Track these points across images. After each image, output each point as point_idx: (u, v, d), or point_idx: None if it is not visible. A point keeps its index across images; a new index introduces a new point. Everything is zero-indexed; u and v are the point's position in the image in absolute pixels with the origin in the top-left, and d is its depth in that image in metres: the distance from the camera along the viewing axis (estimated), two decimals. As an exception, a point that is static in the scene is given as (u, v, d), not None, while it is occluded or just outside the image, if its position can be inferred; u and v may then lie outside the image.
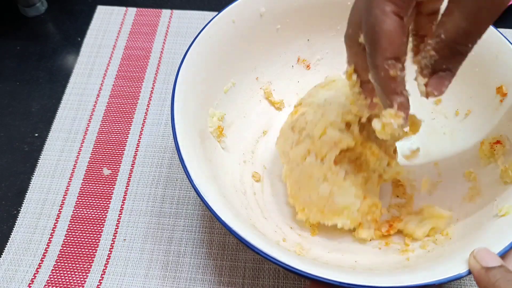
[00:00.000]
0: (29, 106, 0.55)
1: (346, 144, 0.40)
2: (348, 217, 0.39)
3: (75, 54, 0.59)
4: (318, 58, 0.52)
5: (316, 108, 0.43)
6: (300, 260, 0.32)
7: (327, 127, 0.40)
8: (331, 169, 0.39)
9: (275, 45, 0.49)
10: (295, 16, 0.48)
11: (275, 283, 0.43)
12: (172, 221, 0.46)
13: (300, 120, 0.43)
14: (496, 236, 0.33)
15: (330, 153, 0.40)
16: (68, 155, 0.51)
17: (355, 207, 0.39)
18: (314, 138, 0.40)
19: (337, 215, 0.39)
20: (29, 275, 0.43)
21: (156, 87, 0.56)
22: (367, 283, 0.30)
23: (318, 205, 0.40)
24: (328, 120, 0.41)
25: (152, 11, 0.63)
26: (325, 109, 0.42)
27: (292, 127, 0.43)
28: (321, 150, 0.40)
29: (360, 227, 0.40)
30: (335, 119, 0.41)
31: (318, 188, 0.39)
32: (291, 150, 0.42)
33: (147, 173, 0.50)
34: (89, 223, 0.46)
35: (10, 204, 0.48)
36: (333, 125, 0.40)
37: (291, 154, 0.42)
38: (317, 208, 0.40)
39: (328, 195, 0.39)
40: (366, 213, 0.39)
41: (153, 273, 0.43)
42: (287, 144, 0.43)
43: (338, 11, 0.49)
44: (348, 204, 0.39)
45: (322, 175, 0.39)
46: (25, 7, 0.62)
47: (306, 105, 0.44)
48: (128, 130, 0.53)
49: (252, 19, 0.46)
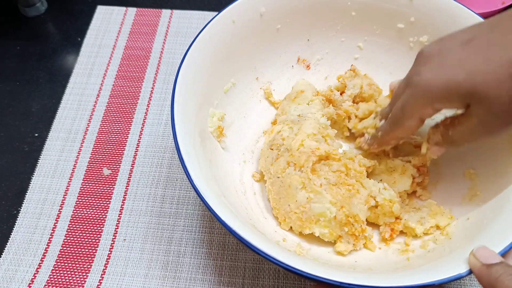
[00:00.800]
0: (29, 106, 0.55)
1: (324, 151, 0.41)
2: (326, 226, 0.39)
3: (75, 54, 0.59)
4: (318, 58, 0.52)
5: (291, 124, 0.44)
6: (300, 260, 0.32)
7: (304, 139, 0.42)
8: (308, 177, 0.40)
9: (275, 45, 0.49)
10: (295, 16, 0.48)
11: (275, 283, 0.43)
12: (172, 221, 0.46)
13: (277, 138, 0.44)
14: (496, 236, 0.33)
15: (307, 161, 0.40)
16: (68, 155, 0.51)
17: (330, 214, 0.39)
18: (292, 150, 0.42)
19: (314, 222, 0.39)
20: (29, 275, 0.43)
21: (156, 87, 0.56)
22: (367, 283, 0.30)
23: (297, 213, 0.40)
24: (305, 133, 0.42)
25: (152, 11, 0.63)
26: (300, 124, 0.43)
27: (270, 146, 0.44)
28: (299, 159, 0.41)
29: (339, 240, 0.40)
30: (312, 131, 0.42)
31: (296, 196, 0.40)
32: (271, 167, 0.43)
33: (147, 173, 0.50)
34: (89, 223, 0.46)
35: (10, 204, 0.48)
36: (310, 137, 0.42)
37: (272, 170, 0.43)
38: (296, 216, 0.40)
39: (305, 202, 0.39)
40: (344, 224, 0.39)
41: (153, 273, 0.43)
42: (267, 163, 0.44)
43: (338, 11, 0.49)
44: (323, 210, 0.39)
45: (300, 183, 0.40)
46: (25, 7, 0.62)
47: (280, 123, 0.46)
48: (128, 130, 0.53)
49: (252, 19, 0.46)
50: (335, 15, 0.49)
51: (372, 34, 0.50)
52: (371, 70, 0.51)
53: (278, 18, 0.48)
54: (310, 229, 0.40)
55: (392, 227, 0.41)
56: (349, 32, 0.51)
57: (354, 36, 0.51)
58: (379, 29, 0.50)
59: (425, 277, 0.31)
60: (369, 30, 0.50)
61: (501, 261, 0.30)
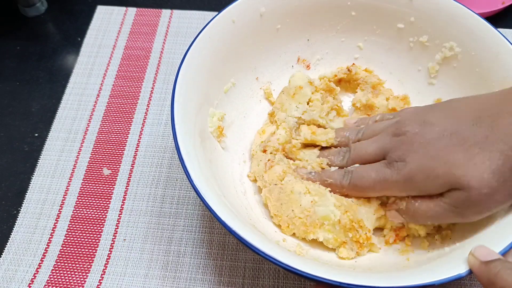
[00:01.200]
0: (29, 106, 0.55)
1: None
2: (330, 231, 0.39)
3: (75, 54, 0.59)
4: (318, 58, 0.52)
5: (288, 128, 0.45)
6: (300, 260, 0.32)
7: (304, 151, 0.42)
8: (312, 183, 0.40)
9: (275, 45, 0.49)
10: (295, 16, 0.48)
11: (275, 283, 0.43)
12: (172, 221, 0.46)
13: (273, 141, 0.43)
14: (496, 236, 0.33)
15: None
16: (68, 155, 0.51)
17: (335, 218, 0.38)
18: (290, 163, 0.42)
19: (319, 227, 0.39)
20: (29, 275, 0.43)
21: (156, 87, 0.56)
22: (367, 283, 0.30)
23: (301, 218, 0.39)
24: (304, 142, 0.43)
25: (152, 11, 0.63)
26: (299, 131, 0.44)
27: (264, 147, 0.44)
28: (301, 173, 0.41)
29: (343, 246, 0.39)
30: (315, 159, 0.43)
31: (300, 200, 0.39)
32: (265, 174, 0.43)
33: (147, 173, 0.50)
34: (89, 223, 0.46)
35: (10, 204, 0.48)
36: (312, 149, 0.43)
37: (267, 178, 0.42)
38: (300, 221, 0.39)
39: (310, 206, 0.39)
40: (348, 229, 0.38)
41: (153, 273, 0.43)
42: (260, 168, 0.43)
43: (338, 11, 0.49)
44: (327, 213, 0.38)
45: (303, 188, 0.40)
46: (25, 7, 0.62)
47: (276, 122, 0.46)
48: (128, 130, 0.53)
49: (252, 19, 0.46)
50: (335, 15, 0.49)
51: (372, 34, 0.50)
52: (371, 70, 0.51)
53: (278, 18, 0.48)
54: (314, 233, 0.39)
55: (398, 232, 0.41)
56: (349, 32, 0.51)
57: (354, 36, 0.51)
58: (379, 29, 0.50)
59: (425, 277, 0.31)
60: (369, 30, 0.50)
61: (499, 258, 0.30)
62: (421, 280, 0.30)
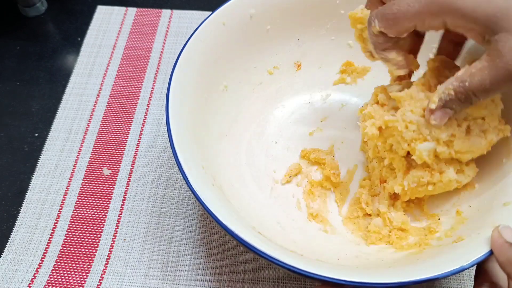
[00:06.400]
0: (29, 106, 0.55)
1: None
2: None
3: (75, 54, 0.59)
4: (308, 57, 0.52)
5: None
6: (300, 259, 0.32)
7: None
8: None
9: (266, 46, 0.49)
10: (285, 16, 0.48)
11: (275, 283, 0.43)
12: (172, 221, 0.46)
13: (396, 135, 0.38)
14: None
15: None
16: (68, 155, 0.51)
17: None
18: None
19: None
20: (29, 275, 0.43)
21: (156, 87, 0.56)
22: (367, 280, 0.30)
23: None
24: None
25: (152, 11, 0.63)
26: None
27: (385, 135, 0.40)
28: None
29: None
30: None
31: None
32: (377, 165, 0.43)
33: (147, 173, 0.50)
34: (89, 223, 0.46)
35: (10, 204, 0.48)
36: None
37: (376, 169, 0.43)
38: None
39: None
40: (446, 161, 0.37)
41: (153, 273, 0.43)
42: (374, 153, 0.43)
43: (328, 10, 0.49)
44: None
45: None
46: (25, 7, 0.62)
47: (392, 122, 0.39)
48: (128, 130, 0.53)
49: (242, 21, 0.46)
50: (324, 14, 0.49)
51: (362, 32, 0.50)
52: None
53: (268, 19, 0.47)
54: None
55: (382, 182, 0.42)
56: (338, 31, 0.50)
57: (343, 34, 0.50)
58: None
59: (429, 271, 0.31)
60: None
61: None
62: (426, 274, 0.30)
